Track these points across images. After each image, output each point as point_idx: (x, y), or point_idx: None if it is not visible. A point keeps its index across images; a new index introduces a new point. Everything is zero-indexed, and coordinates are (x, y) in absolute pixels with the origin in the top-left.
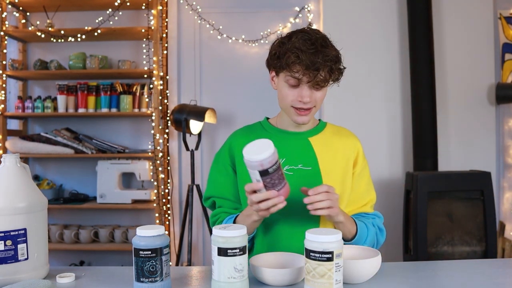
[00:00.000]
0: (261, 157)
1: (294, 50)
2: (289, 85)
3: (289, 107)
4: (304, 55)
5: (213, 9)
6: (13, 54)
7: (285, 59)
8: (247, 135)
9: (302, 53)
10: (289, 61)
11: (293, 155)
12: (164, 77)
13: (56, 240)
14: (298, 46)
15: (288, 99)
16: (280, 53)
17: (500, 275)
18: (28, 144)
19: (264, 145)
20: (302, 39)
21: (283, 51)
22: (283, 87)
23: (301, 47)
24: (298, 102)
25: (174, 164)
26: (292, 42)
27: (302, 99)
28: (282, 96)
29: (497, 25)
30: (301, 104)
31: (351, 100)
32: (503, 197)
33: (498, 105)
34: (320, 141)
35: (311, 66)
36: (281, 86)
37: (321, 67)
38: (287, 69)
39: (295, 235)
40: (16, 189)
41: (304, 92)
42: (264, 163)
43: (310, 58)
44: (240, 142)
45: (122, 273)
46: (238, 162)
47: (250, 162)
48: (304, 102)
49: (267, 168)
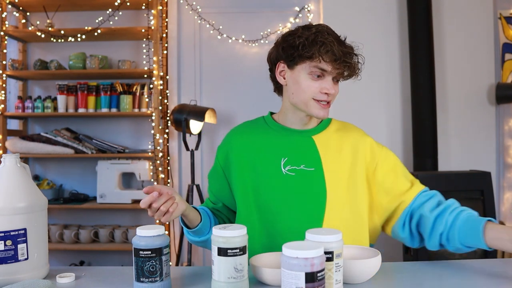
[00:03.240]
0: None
1: (324, 40)
2: (313, 76)
3: (310, 100)
4: (335, 46)
5: (213, 9)
6: (13, 54)
7: (313, 49)
8: (247, 133)
9: (334, 43)
10: (322, 51)
11: (295, 154)
12: (164, 77)
13: (56, 240)
14: (326, 37)
15: (310, 91)
16: (305, 43)
17: (500, 275)
18: (28, 144)
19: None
20: (326, 31)
21: (309, 41)
22: (304, 79)
23: (330, 38)
24: (321, 95)
25: (174, 164)
26: (317, 33)
27: (328, 91)
28: (301, 89)
29: (497, 25)
30: (325, 96)
31: (351, 100)
32: (503, 197)
33: (498, 105)
34: (324, 140)
35: (343, 56)
36: (301, 78)
37: (349, 59)
38: (314, 59)
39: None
40: (16, 189)
41: (328, 84)
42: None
43: (342, 49)
44: (239, 141)
45: (122, 273)
46: (235, 164)
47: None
48: (328, 94)
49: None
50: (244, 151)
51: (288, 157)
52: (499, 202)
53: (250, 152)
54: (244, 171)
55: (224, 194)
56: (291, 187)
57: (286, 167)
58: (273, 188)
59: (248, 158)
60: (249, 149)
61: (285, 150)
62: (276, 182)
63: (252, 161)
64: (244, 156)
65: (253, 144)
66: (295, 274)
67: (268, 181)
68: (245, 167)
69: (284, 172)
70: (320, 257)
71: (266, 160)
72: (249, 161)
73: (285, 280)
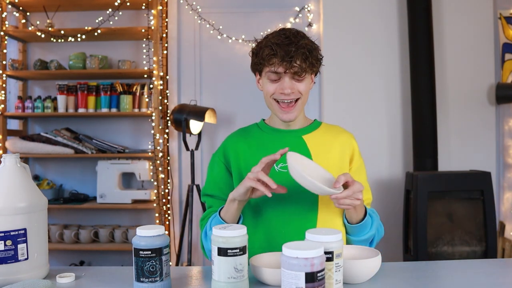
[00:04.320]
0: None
1: (269, 44)
2: (271, 80)
3: (273, 102)
4: (278, 47)
5: (213, 9)
6: (13, 54)
7: (262, 55)
8: (242, 137)
9: (277, 45)
10: (265, 55)
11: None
12: (164, 77)
13: (56, 240)
14: (272, 41)
15: (270, 93)
16: (257, 51)
17: (500, 275)
18: (28, 144)
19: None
20: (276, 34)
21: (260, 48)
22: (265, 83)
23: (275, 41)
24: (279, 94)
25: (174, 164)
26: (268, 38)
27: (283, 90)
28: (265, 92)
29: (497, 25)
30: (283, 96)
31: (351, 100)
32: (503, 197)
33: (498, 105)
34: (314, 139)
35: (286, 56)
36: (264, 83)
37: (295, 55)
38: (266, 64)
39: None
40: (16, 189)
41: (284, 84)
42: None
43: (284, 49)
44: (235, 144)
45: (122, 273)
46: (233, 165)
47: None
48: (285, 94)
49: None
50: (240, 152)
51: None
52: (499, 202)
53: (245, 153)
54: (240, 170)
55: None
56: (284, 183)
57: (279, 165)
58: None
59: (244, 158)
60: (244, 150)
61: (276, 149)
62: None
63: (248, 162)
64: (240, 157)
65: (248, 146)
66: (295, 274)
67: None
68: (241, 167)
69: (277, 169)
70: (320, 257)
71: (259, 159)
72: (244, 161)
73: (285, 280)
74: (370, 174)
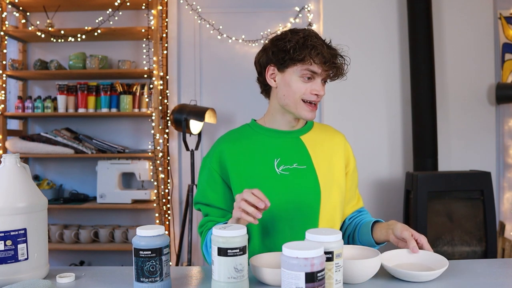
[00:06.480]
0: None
1: (314, 44)
2: (304, 78)
3: (299, 102)
4: (324, 49)
5: (213, 9)
6: (13, 54)
7: (304, 52)
8: (237, 140)
9: (323, 47)
10: (313, 54)
11: (287, 154)
12: (164, 77)
13: (56, 240)
14: (315, 40)
15: (300, 92)
16: (296, 47)
17: (500, 275)
18: (28, 144)
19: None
20: (314, 35)
21: (300, 45)
22: (295, 81)
23: (318, 41)
24: (311, 95)
25: (174, 164)
26: (306, 37)
27: (318, 92)
28: (292, 91)
29: (497, 25)
30: (314, 97)
31: (351, 100)
32: (503, 197)
33: (498, 105)
34: (311, 139)
35: (332, 58)
36: (292, 81)
37: (337, 62)
38: (305, 62)
39: (294, 235)
40: (16, 189)
41: (318, 86)
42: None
43: (330, 52)
44: (231, 150)
45: (122, 273)
46: (231, 170)
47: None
48: (319, 95)
49: None
50: (238, 156)
51: (280, 158)
52: (499, 202)
53: (244, 156)
54: (241, 175)
55: (229, 200)
56: (287, 185)
57: (280, 167)
58: (270, 188)
59: (243, 162)
60: (242, 153)
61: (276, 151)
62: (272, 182)
63: (247, 165)
64: (239, 161)
65: (245, 149)
66: (295, 274)
67: (265, 182)
68: (241, 171)
69: (279, 172)
70: (320, 257)
71: (260, 162)
72: (244, 165)
73: (285, 280)
74: (370, 174)
